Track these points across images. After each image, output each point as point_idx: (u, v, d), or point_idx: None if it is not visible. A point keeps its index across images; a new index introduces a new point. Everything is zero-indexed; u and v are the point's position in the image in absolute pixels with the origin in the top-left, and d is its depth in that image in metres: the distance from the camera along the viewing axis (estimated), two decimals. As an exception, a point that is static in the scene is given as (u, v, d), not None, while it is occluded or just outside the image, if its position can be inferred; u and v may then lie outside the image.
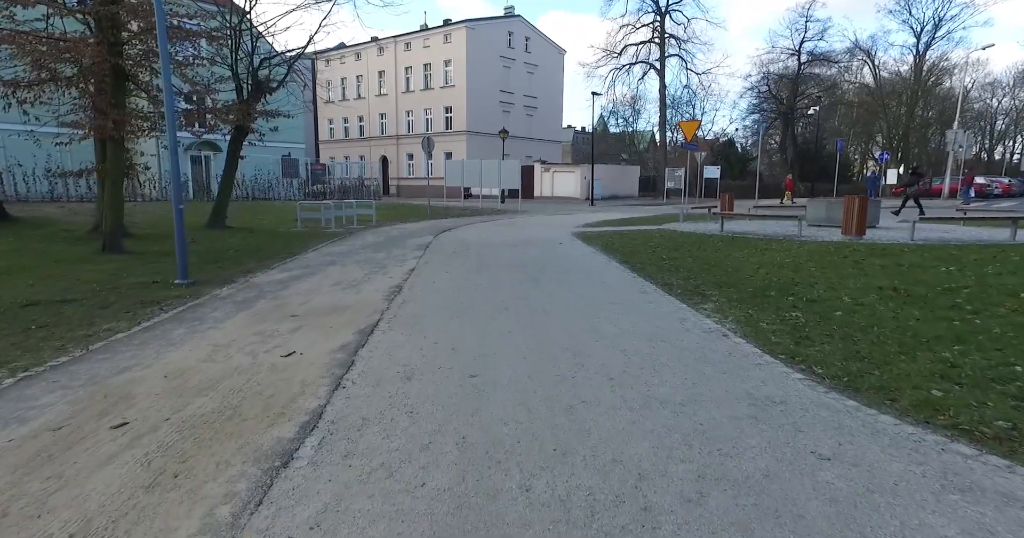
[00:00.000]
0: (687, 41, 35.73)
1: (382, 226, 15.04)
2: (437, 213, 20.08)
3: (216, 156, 26.74)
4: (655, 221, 16.02)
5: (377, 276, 7.12)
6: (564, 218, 18.62)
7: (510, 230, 13.90)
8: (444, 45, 42.01)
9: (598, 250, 9.70)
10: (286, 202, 23.96)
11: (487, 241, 11.27)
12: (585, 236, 12.01)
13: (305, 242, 10.81)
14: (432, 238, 11.72)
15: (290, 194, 26.01)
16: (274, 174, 25.67)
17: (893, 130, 54.96)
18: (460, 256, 8.99)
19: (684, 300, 5.63)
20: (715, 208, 15.84)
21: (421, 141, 19.78)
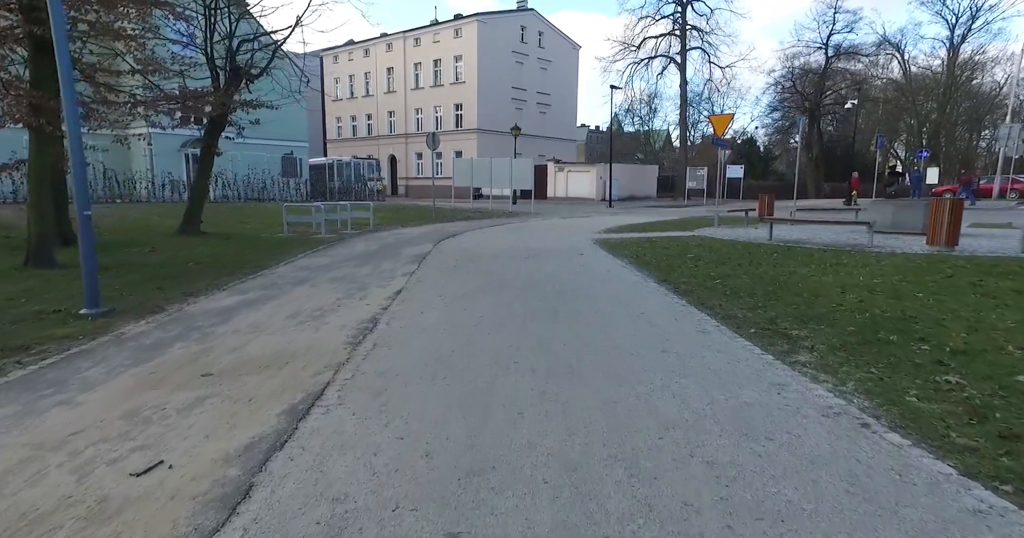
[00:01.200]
0: (710, 33, 33.85)
1: (380, 231, 13.52)
2: (443, 216, 18.53)
3: (213, 154, 25.52)
4: (685, 226, 14.32)
5: (351, 302, 5.57)
6: (582, 222, 16.97)
7: (522, 237, 12.29)
8: (454, 40, 40.55)
9: (627, 264, 8.06)
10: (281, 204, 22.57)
11: (495, 251, 9.69)
12: (609, 244, 10.38)
13: (284, 251, 9.30)
14: (432, 246, 10.16)
15: (286, 195, 24.60)
16: (269, 173, 24.26)
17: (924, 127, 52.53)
18: (461, 272, 7.40)
19: (764, 346, 4.00)
20: (752, 210, 14.12)
21: (425, 137, 18.27)
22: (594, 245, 10.44)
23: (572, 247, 10.17)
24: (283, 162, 30.37)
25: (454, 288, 6.27)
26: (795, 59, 45.49)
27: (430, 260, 8.50)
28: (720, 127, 16.89)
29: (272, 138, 29.14)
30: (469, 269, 7.60)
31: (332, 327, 4.59)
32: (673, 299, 5.67)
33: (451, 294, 5.94)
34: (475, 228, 14.35)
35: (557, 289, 6.19)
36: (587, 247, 10.17)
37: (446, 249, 9.87)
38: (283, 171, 29.85)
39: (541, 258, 8.67)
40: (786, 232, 11.41)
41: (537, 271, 7.40)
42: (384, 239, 11.61)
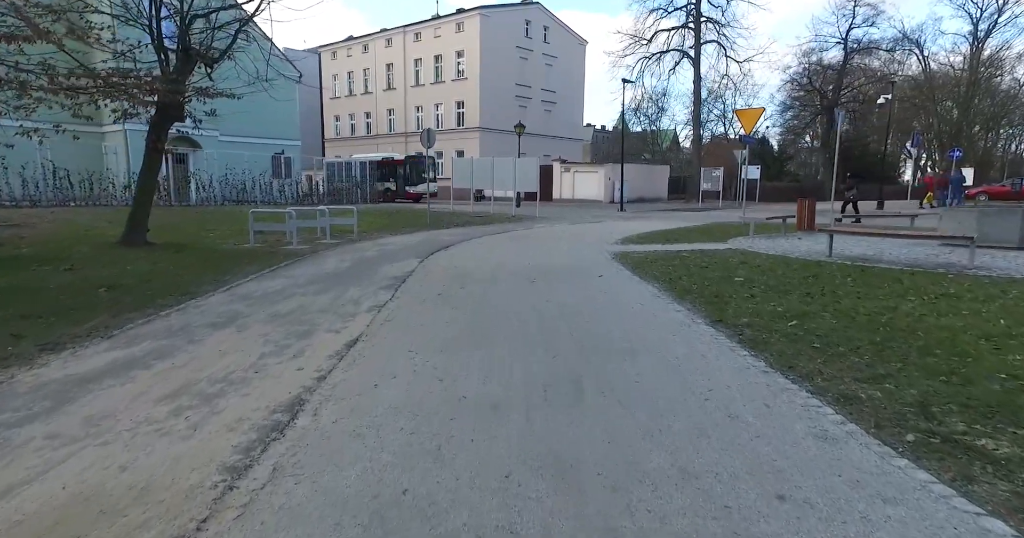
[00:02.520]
0: (726, 25, 31.98)
1: (363, 240, 11.79)
2: (438, 221, 16.79)
3: (196, 153, 23.84)
4: (712, 235, 12.53)
5: (279, 363, 3.82)
6: (593, 228, 15.20)
7: (526, 248, 10.53)
8: (456, 34, 38.87)
9: (661, 291, 6.29)
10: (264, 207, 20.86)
11: (492, 270, 7.93)
12: (631, 260, 8.61)
13: (233, 270, 7.57)
14: (417, 264, 8.40)
15: (269, 198, 22.80)
16: (249, 173, 22.49)
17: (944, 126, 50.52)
18: (446, 306, 5.64)
19: (963, 483, 2.24)
20: (789, 217, 12.31)
21: (420, 134, 16.55)
22: (613, 261, 8.67)
23: (587, 263, 8.40)
24: (274, 162, 28.72)
25: (432, 334, 4.52)
26: (811, 55, 43.62)
27: (411, 284, 6.74)
28: (749, 123, 15.08)
29: (259, 136, 27.52)
30: (457, 300, 5.84)
31: (219, 426, 2.84)
32: (745, 358, 3.90)
33: (426, 346, 4.19)
34: (473, 236, 12.59)
35: (575, 337, 4.43)
36: (605, 264, 8.40)
37: (434, 267, 8.11)
38: (273, 172, 28.21)
39: (550, 281, 6.91)
40: (842, 245, 9.60)
41: (546, 303, 5.64)
42: (364, 252, 9.86)
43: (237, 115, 26.74)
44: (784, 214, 12.50)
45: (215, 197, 20.93)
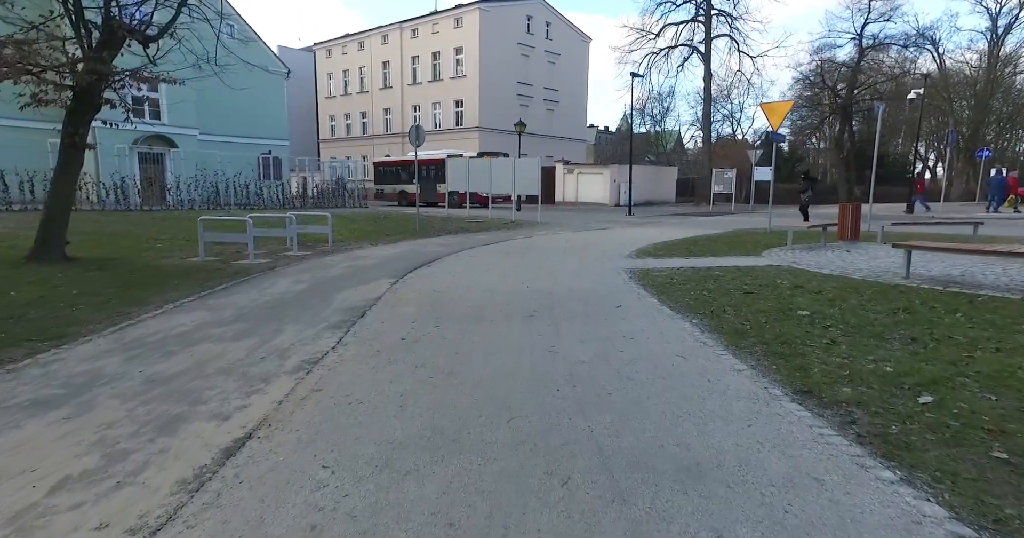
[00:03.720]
0: (739, 18, 30.31)
1: (337, 251, 10.15)
2: (428, 227, 15.16)
3: (173, 152, 22.23)
4: (741, 245, 10.84)
5: (79, 507, 2.17)
6: (602, 237, 13.53)
7: (525, 265, 8.87)
8: (455, 30, 37.31)
9: (705, 331, 4.62)
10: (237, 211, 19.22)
11: (481, 297, 6.27)
12: (655, 282, 6.94)
13: (149, 296, 5.92)
14: (389, 286, 6.75)
15: (246, 201, 21.11)
16: (223, 174, 20.82)
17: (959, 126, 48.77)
18: (405, 363, 3.98)
19: None
20: (831, 225, 10.62)
21: (408, 131, 14.93)
22: (632, 282, 7.00)
23: (599, 286, 6.74)
24: (261, 162, 27.14)
25: (372, 429, 2.85)
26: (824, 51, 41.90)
27: (370, 320, 5.09)
28: (777, 117, 13.43)
29: (244, 136, 25.93)
30: (424, 352, 4.18)
31: None
32: (895, 486, 2.23)
33: (354, 457, 2.53)
34: (465, 247, 10.94)
35: (597, 436, 2.76)
36: (622, 287, 6.73)
37: (407, 293, 6.45)
38: (262, 173, 26.63)
39: (554, 316, 5.25)
40: (924, 262, 7.90)
41: (549, 360, 3.98)
42: (329, 269, 8.21)
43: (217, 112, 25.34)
44: (825, 223, 10.81)
45: (188, 201, 19.27)
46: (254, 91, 26.28)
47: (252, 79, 26.00)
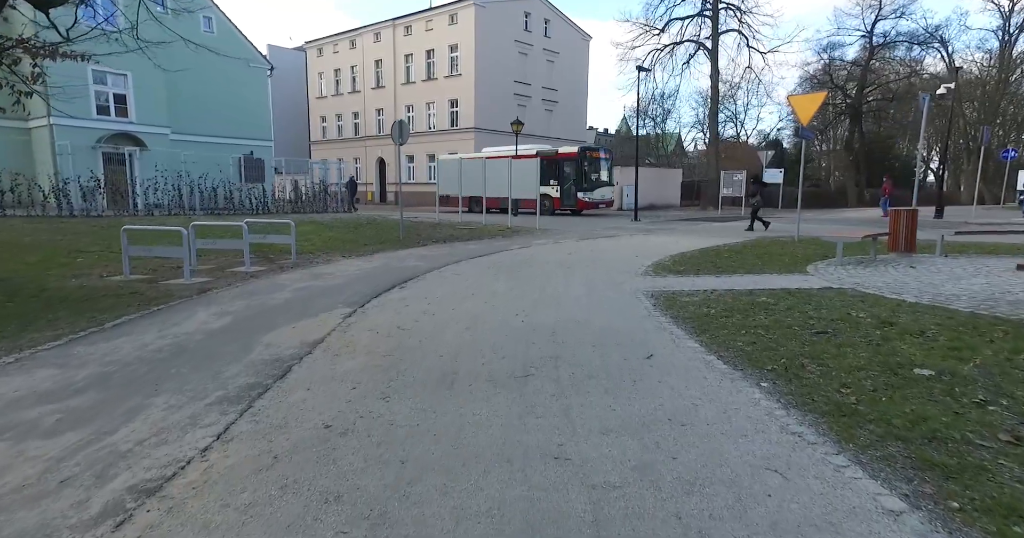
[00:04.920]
0: (748, 12, 28.78)
1: (299, 267, 8.53)
2: (414, 235, 13.56)
3: (142, 152, 20.57)
4: (772, 257, 9.23)
5: None
6: (609, 246, 11.93)
7: (521, 286, 7.25)
8: (449, 27, 35.78)
9: (787, 406, 3.01)
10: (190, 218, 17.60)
11: (460, 339, 4.66)
12: (688, 312, 5.32)
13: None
14: (338, 323, 5.13)
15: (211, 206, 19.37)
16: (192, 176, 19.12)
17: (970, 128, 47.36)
18: (309, 486, 2.36)
19: None
20: (881, 235, 9.01)
21: (391, 128, 13.36)
22: (658, 314, 5.39)
23: (617, 321, 5.13)
24: (243, 163, 25.50)
25: None
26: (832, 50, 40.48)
27: (287, 390, 3.46)
28: (807, 111, 11.87)
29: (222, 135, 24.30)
30: (350, 462, 2.56)
31: None
32: None
33: None
34: (451, 261, 9.33)
35: None
36: (648, 322, 5.12)
37: (359, 335, 4.82)
38: (243, 175, 24.99)
39: (560, 377, 3.64)
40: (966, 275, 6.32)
41: (555, 474, 2.36)
42: (275, 293, 6.59)
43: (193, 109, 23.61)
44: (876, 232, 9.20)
45: (154, 205, 17.57)
46: (234, 88, 24.76)
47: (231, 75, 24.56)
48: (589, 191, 22.58)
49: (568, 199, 23.07)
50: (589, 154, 23.32)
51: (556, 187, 23.13)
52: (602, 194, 23.53)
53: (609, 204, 24.42)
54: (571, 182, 23.00)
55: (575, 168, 22.84)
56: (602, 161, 23.85)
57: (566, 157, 23.41)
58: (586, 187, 22.43)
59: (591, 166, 23.04)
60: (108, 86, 19.57)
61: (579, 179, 22.56)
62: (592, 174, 23.03)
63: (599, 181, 23.40)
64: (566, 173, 23.18)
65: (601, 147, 24.70)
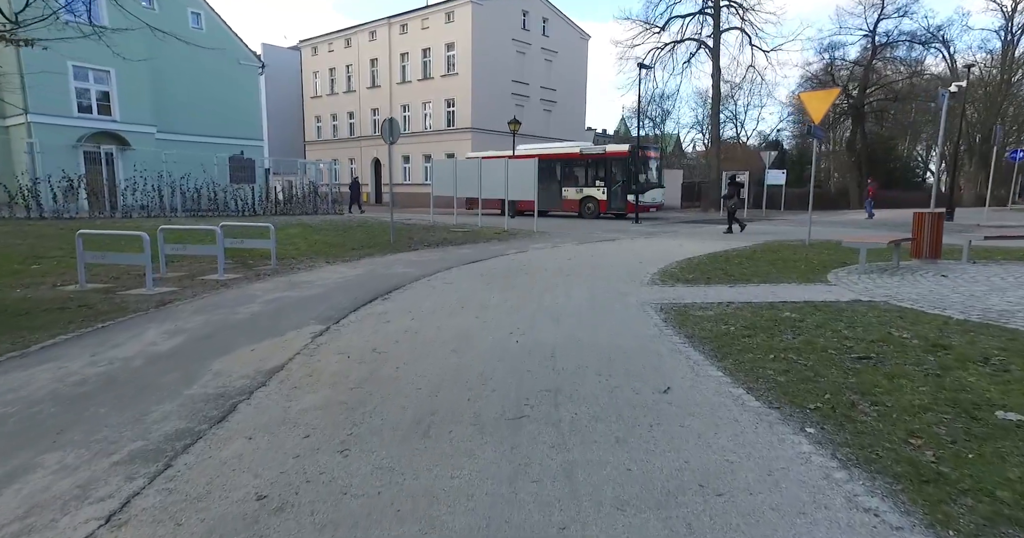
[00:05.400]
0: (750, 10, 28.19)
1: (273, 275, 7.87)
2: (405, 239, 12.92)
3: (124, 152, 19.88)
4: (786, 263, 8.59)
5: None
6: (611, 251, 11.30)
7: (516, 297, 6.61)
8: (446, 25, 35.16)
9: (865, 479, 2.35)
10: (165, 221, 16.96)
11: (444, 365, 4.02)
12: (703, 330, 4.67)
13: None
14: (305, 344, 4.47)
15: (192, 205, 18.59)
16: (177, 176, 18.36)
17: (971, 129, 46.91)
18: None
19: None
20: (905, 239, 8.37)
21: (381, 126, 12.72)
22: (672, 332, 4.75)
23: (627, 342, 4.48)
24: (231, 163, 24.81)
25: None
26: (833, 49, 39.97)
27: (222, 440, 2.80)
28: (819, 109, 11.25)
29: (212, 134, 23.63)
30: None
31: None
32: None
33: None
34: (441, 268, 8.69)
35: None
36: (660, 342, 4.48)
37: (326, 361, 4.17)
38: (232, 175, 24.29)
39: (560, 419, 2.98)
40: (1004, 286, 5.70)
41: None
42: (242, 306, 5.93)
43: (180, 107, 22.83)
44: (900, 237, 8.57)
45: (133, 207, 16.85)
46: (224, 86, 24.10)
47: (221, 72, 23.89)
48: (640, 193, 20.83)
49: (616, 202, 21.50)
50: (642, 153, 21.47)
51: (602, 189, 21.48)
52: (653, 197, 21.90)
53: (659, 207, 22.79)
54: (620, 183, 21.34)
55: (625, 168, 21.14)
56: (653, 160, 22.33)
57: (615, 156, 21.72)
58: (637, 189, 20.68)
59: (643, 166, 21.41)
60: (90, 83, 18.89)
61: (629, 180, 20.79)
62: (643, 174, 21.40)
63: (649, 182, 21.78)
64: (614, 173, 21.57)
65: (652, 145, 23.07)
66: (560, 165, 22.92)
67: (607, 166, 21.76)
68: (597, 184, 21.33)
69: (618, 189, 21.45)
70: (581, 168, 22.61)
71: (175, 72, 22.06)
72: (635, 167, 20.66)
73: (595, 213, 21.81)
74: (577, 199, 22.42)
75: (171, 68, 21.91)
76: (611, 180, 21.61)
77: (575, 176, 22.84)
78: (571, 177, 22.87)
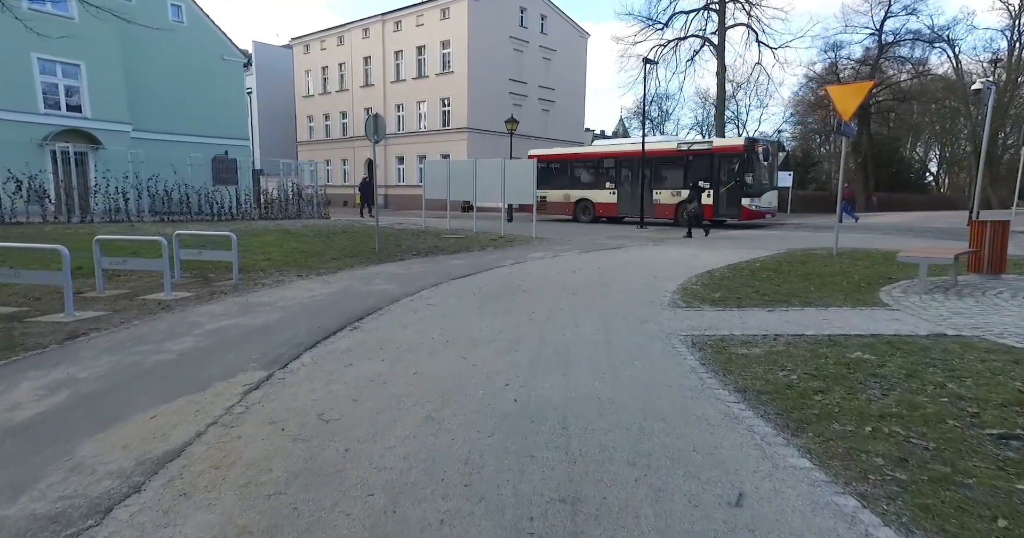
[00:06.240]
0: (757, 5, 27.16)
1: (232, 293, 6.73)
2: (392, 247, 11.78)
3: (97, 151, 18.67)
4: (828, 279, 7.47)
5: None
6: (621, 262, 10.17)
7: (512, 327, 5.47)
8: (441, 22, 34.06)
9: None
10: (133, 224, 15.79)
11: (413, 449, 2.87)
12: (767, 387, 3.53)
13: None
14: (230, 406, 3.32)
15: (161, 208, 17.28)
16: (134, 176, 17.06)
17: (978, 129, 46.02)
18: None
19: None
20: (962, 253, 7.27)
21: (365, 122, 11.61)
22: (715, 382, 3.63)
23: (662, 402, 3.35)
24: (214, 164, 23.64)
25: None
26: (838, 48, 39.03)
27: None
28: (849, 105, 10.17)
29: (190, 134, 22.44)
30: None
31: None
32: None
33: None
34: (424, 285, 7.56)
35: None
36: (702, 399, 3.35)
37: (253, 434, 3.03)
38: (215, 176, 23.12)
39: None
40: None
41: None
42: (167, 343, 4.78)
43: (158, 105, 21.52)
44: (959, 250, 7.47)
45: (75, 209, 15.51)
46: (206, 82, 22.95)
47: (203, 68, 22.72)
48: (757, 197, 17.75)
49: (727, 207, 18.03)
50: (761, 148, 17.89)
51: (707, 191, 17.82)
52: (769, 201, 18.88)
53: (773, 213, 19.59)
54: (732, 185, 17.91)
55: (739, 167, 17.70)
56: (772, 157, 18.95)
57: (726, 152, 18.24)
58: (754, 191, 17.53)
59: (761, 165, 18.04)
60: (58, 77, 17.69)
61: (744, 181, 17.50)
62: (761, 175, 18.13)
63: (764, 184, 18.42)
64: (724, 173, 18.17)
65: (770, 139, 19.44)
66: (648, 164, 19.35)
67: (715, 164, 18.26)
68: (700, 186, 17.85)
69: (730, 192, 17.94)
70: (677, 167, 19.22)
71: (153, 67, 20.89)
72: (750, 165, 17.40)
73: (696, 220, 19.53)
74: (672, 204, 18.93)
75: (149, 63, 20.74)
76: (719, 181, 18.10)
77: (669, 176, 19.51)
78: (663, 178, 19.62)
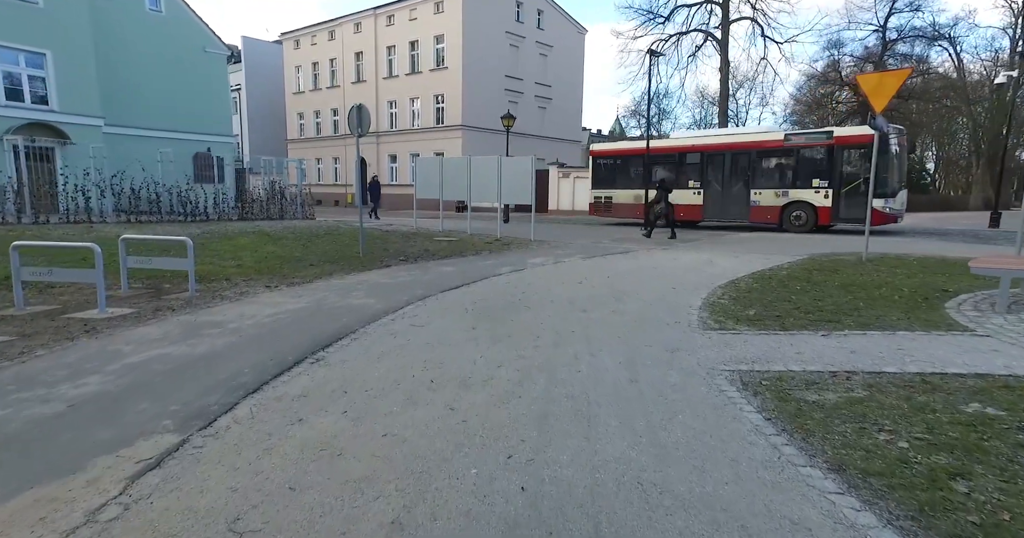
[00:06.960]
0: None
1: (181, 310, 5.69)
2: (379, 251, 10.76)
3: (65, 147, 17.50)
4: (873, 291, 6.49)
5: None
6: (630, 270, 9.16)
7: (512, 360, 4.45)
8: (435, 16, 33.01)
9: None
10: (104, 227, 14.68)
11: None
12: (871, 458, 2.51)
13: None
14: (103, 503, 2.31)
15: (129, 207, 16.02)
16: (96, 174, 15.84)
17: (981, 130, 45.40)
18: None
19: None
20: None
21: (348, 113, 10.62)
22: (791, 448, 2.62)
23: (726, 489, 2.34)
24: (196, 161, 22.51)
25: None
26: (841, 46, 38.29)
27: None
28: (883, 95, 9.21)
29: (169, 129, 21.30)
30: None
31: None
32: None
33: None
34: (409, 300, 6.54)
35: None
36: (783, 482, 2.35)
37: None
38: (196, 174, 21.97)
39: None
40: None
41: None
42: (66, 385, 3.74)
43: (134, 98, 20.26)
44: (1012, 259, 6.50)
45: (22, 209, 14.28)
46: (187, 76, 21.81)
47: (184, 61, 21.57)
48: (892, 197, 14.72)
49: (852, 209, 14.83)
50: (894, 139, 14.48)
51: (824, 191, 15.16)
52: (902, 202, 15.75)
53: (903, 217, 16.35)
54: (858, 183, 14.66)
55: (868, 161, 12.91)
56: (904, 151, 15.93)
57: (851, 143, 14.95)
58: (887, 190, 14.36)
59: (894, 158, 14.74)
60: (21, 66, 16.53)
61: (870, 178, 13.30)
62: (893, 171, 14.76)
63: (897, 181, 15.22)
64: (849, 169, 15.08)
65: (897, 126, 15.78)
66: (745, 158, 16.65)
67: (837, 158, 15.12)
68: (815, 184, 15.19)
69: (856, 191, 14.72)
70: (785, 162, 16.13)
71: (129, 58, 19.74)
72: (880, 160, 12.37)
73: (809, 226, 15.59)
74: (778, 206, 16.00)
75: (124, 53, 19.59)
76: (842, 178, 15.08)
77: (773, 173, 16.45)
78: (765, 175, 16.51)
